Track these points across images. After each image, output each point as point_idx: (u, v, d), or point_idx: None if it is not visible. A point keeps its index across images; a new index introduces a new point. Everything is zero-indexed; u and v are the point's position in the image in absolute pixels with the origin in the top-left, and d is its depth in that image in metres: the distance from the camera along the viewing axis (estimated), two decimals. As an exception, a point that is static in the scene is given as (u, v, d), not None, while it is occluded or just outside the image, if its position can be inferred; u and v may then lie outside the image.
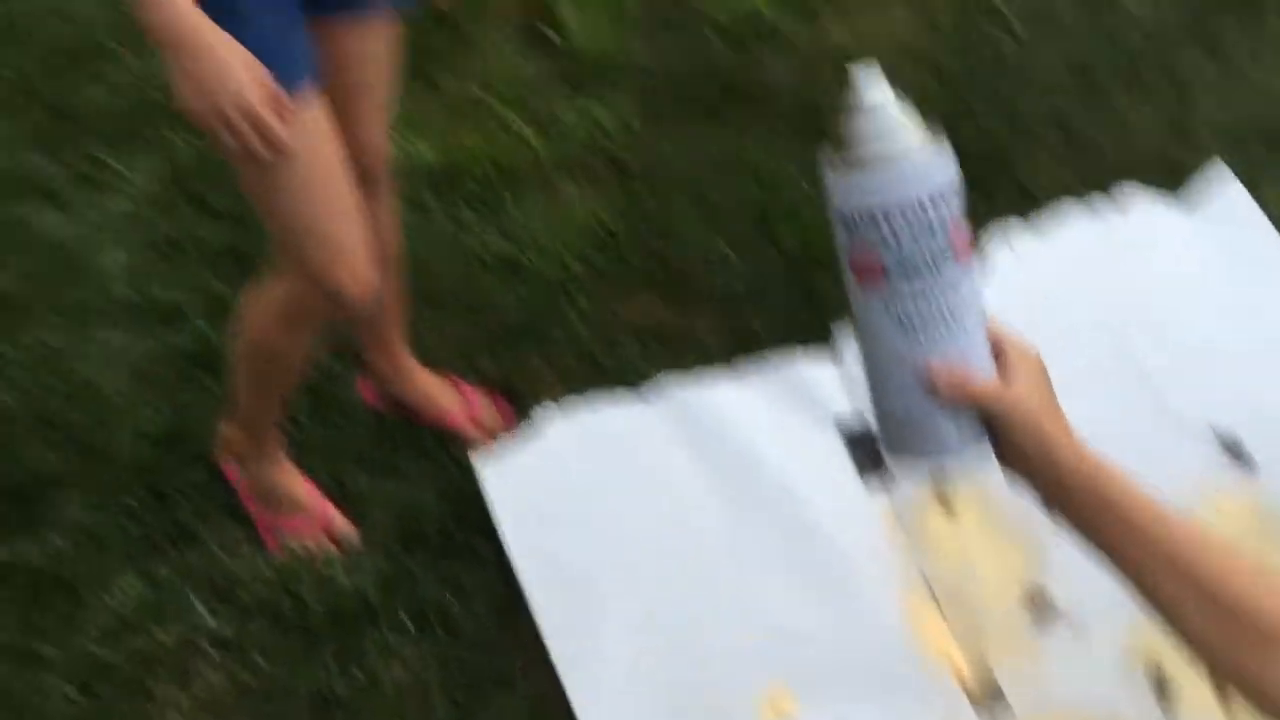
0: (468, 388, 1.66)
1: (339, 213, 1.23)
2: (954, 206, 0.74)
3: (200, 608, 1.47)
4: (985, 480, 1.52)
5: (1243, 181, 1.80)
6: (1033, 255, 1.71)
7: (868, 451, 1.55)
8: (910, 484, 1.52)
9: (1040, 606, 1.42)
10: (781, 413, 1.58)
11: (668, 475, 1.53)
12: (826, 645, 1.40)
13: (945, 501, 1.50)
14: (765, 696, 1.36)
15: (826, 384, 1.61)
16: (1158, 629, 1.37)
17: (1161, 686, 1.37)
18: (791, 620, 1.42)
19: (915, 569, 1.47)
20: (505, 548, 1.46)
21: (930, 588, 1.45)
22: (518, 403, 1.66)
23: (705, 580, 1.44)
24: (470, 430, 1.61)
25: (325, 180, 1.21)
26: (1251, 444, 1.52)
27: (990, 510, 1.50)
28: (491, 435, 1.60)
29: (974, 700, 1.37)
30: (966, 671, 1.40)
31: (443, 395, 1.64)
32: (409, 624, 1.45)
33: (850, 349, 1.61)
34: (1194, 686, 1.37)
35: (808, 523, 1.49)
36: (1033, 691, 1.38)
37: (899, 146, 0.72)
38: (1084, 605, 1.42)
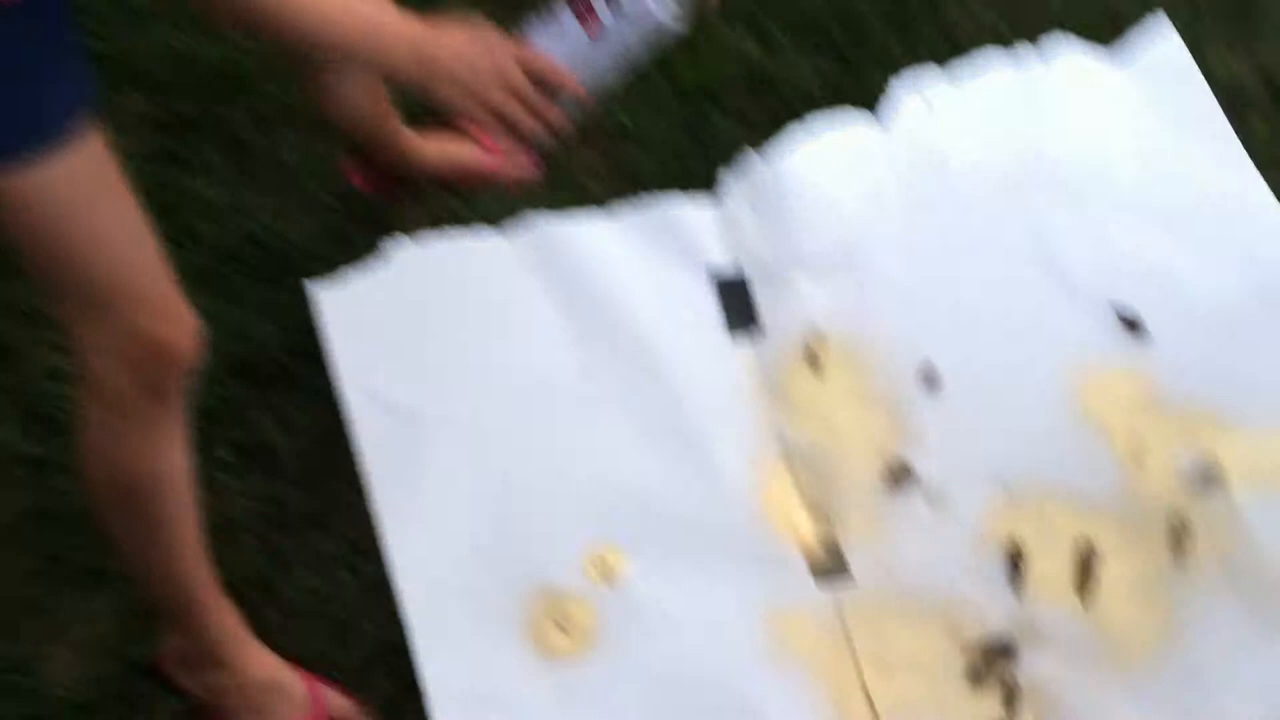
0: (479, 131, 1.33)
1: (139, 259, 0.96)
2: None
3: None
4: (860, 339, 1.42)
5: (1185, 40, 1.65)
6: (944, 105, 1.57)
7: (739, 302, 1.44)
8: (779, 340, 1.42)
9: (899, 479, 1.33)
10: (650, 257, 1.46)
11: (519, 315, 1.41)
12: (667, 504, 1.31)
13: (814, 361, 1.40)
14: (593, 554, 1.28)
15: (703, 230, 1.49)
16: (1024, 507, 1.29)
17: (1015, 567, 1.29)
18: (633, 476, 1.32)
19: (773, 430, 1.37)
20: (335, 382, 1.36)
21: (786, 451, 1.36)
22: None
23: (545, 428, 1.34)
24: (508, 170, 1.40)
25: (116, 222, 0.94)
26: (1151, 319, 1.41)
27: (860, 374, 1.40)
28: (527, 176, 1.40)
29: (815, 570, 1.29)
30: (812, 540, 1.31)
31: (459, 147, 1.43)
32: (230, 459, 1.36)
33: (734, 195, 1.49)
34: (1049, 569, 1.29)
35: (663, 374, 1.38)
36: (878, 566, 1.29)
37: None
38: (947, 480, 1.33)
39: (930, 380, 1.39)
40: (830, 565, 1.30)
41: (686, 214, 1.50)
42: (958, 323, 1.43)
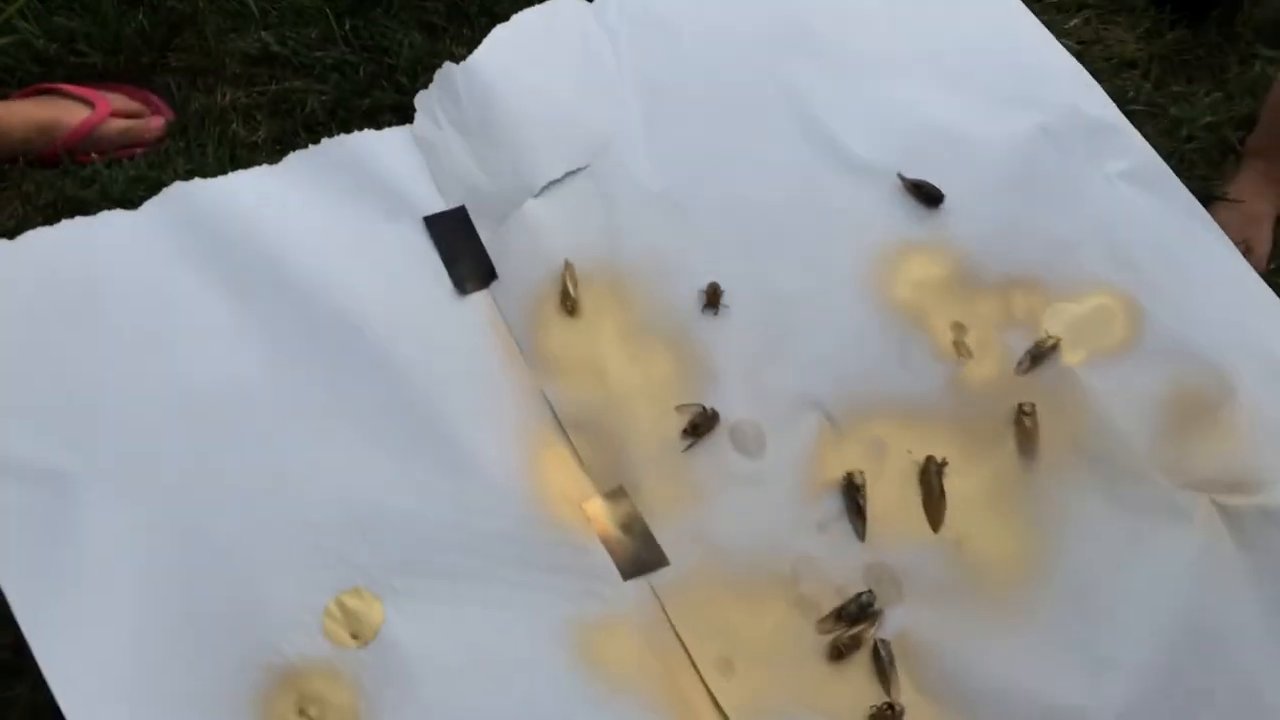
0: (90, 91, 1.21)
1: None
2: None
3: None
4: (621, 268, 1.15)
5: None
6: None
7: (462, 246, 1.15)
8: (519, 284, 1.14)
9: (701, 428, 1.08)
10: (337, 210, 1.13)
11: (176, 314, 1.05)
12: (415, 520, 1.00)
13: (567, 302, 1.12)
14: (330, 607, 0.97)
15: (402, 168, 1.16)
16: (850, 433, 1.05)
17: (857, 507, 1.07)
18: (363, 493, 1.00)
19: (533, 397, 1.09)
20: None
21: (557, 417, 1.09)
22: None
23: (231, 455, 1.00)
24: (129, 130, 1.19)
25: None
26: (945, 186, 1.21)
27: (627, 310, 1.14)
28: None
29: (621, 561, 1.03)
30: (609, 524, 1.05)
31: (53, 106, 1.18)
32: None
33: (434, 119, 1.19)
34: (892, 500, 1.08)
35: (379, 354, 1.06)
36: (695, 539, 1.04)
37: None
38: (757, 420, 1.09)
39: (713, 302, 1.14)
40: (638, 551, 1.04)
41: (377, 151, 1.17)
42: (731, 227, 1.17)
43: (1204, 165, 1.35)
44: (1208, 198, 1.30)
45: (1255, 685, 0.99)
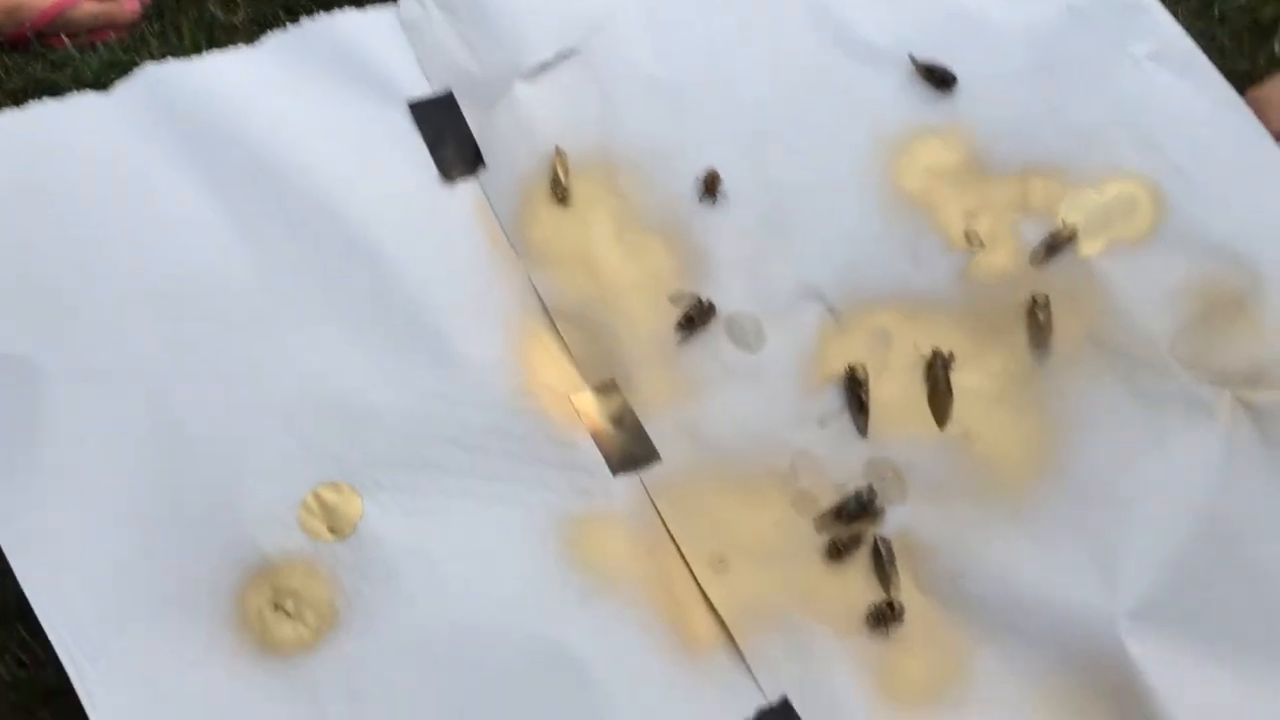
0: None
1: None
2: None
3: None
4: (615, 156, 1.10)
5: None
6: None
7: (448, 131, 1.10)
8: (508, 172, 1.09)
9: (697, 320, 1.03)
10: (319, 93, 1.07)
11: (151, 202, 1.01)
12: (399, 413, 0.96)
13: (558, 190, 1.07)
14: (307, 501, 0.94)
15: (385, 48, 1.11)
16: (853, 325, 1.00)
17: (859, 401, 1.02)
18: (346, 385, 0.97)
19: (522, 288, 1.04)
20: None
21: (545, 308, 1.04)
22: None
23: (212, 349, 0.97)
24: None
25: None
26: (959, 69, 1.14)
27: (621, 198, 1.08)
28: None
29: (611, 456, 0.99)
30: (599, 419, 1.01)
31: None
32: None
33: (420, 2, 1.14)
34: (895, 394, 1.03)
35: (362, 243, 1.02)
36: (689, 435, 1.00)
37: None
38: (756, 312, 1.04)
39: (711, 191, 1.08)
40: (628, 446, 1.00)
41: (360, 32, 1.12)
42: (732, 114, 1.11)
43: (1236, 47, 1.27)
44: (1242, 81, 1.22)
45: (1275, 579, 0.94)
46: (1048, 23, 1.17)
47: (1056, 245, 1.07)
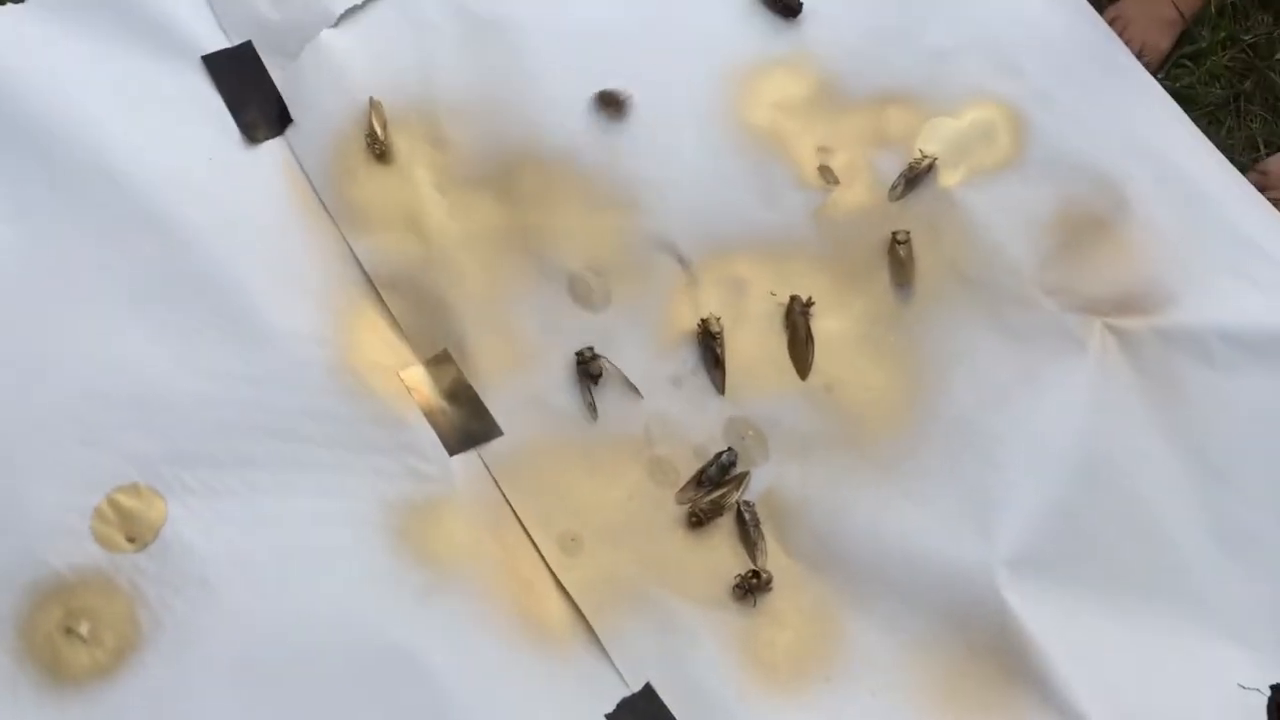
0: None
1: None
2: None
3: None
4: (438, 104, 1.00)
5: None
6: None
7: (249, 86, 0.99)
8: (319, 128, 0.99)
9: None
10: (97, 52, 0.96)
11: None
12: (208, 402, 0.86)
13: (376, 145, 0.97)
14: (103, 508, 0.83)
15: (176, 3, 1.01)
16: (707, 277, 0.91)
17: (715, 357, 0.95)
18: (144, 374, 0.86)
19: (341, 255, 0.95)
20: None
21: (367, 277, 0.95)
22: None
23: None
24: None
25: None
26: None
27: (445, 151, 0.99)
28: None
29: (446, 432, 0.90)
30: (431, 393, 0.92)
31: None
32: None
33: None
34: (754, 347, 0.95)
35: (158, 216, 0.91)
36: (532, 404, 0.91)
37: None
38: (601, 267, 0.95)
39: (615, 106, 0.99)
40: (465, 422, 0.91)
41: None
42: (565, 55, 1.02)
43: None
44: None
45: (1155, 514, 0.90)
46: (893, -58, 1.10)
47: (915, 177, 1.01)
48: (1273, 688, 0.87)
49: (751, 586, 0.87)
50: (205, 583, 0.82)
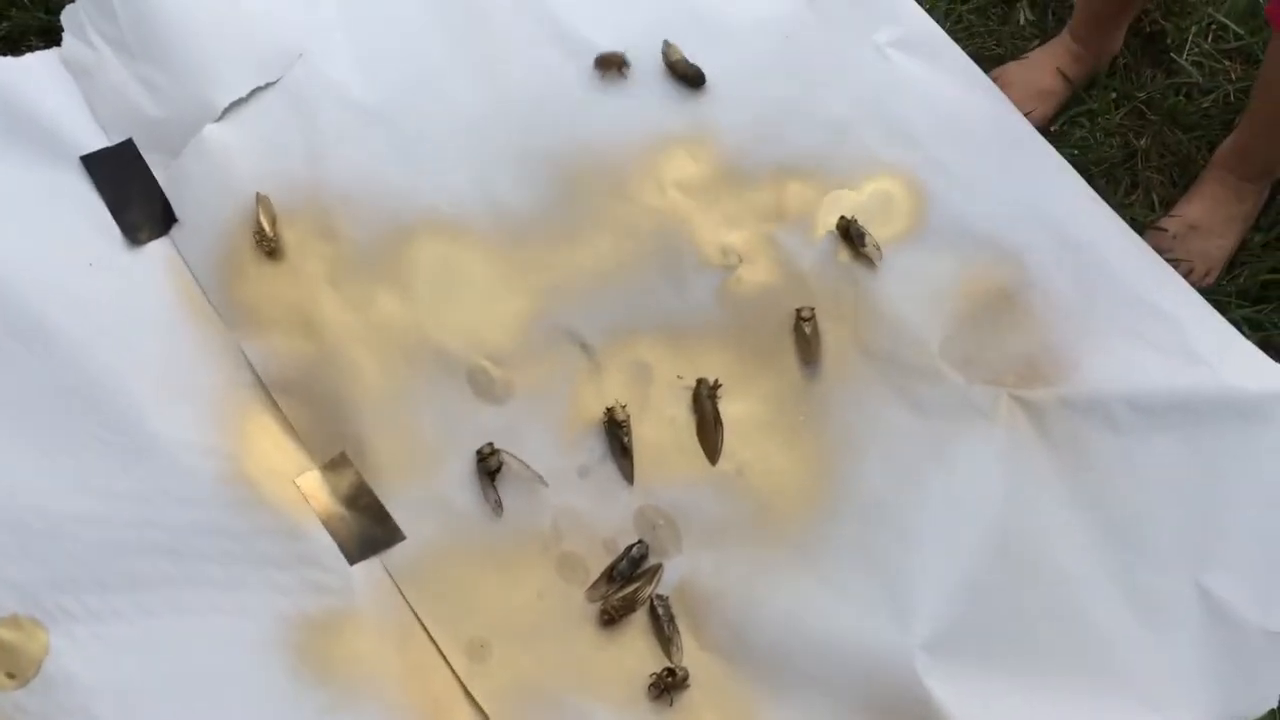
0: None
1: None
2: None
3: None
4: (326, 195, 0.98)
5: None
6: None
7: (128, 179, 0.96)
8: (205, 226, 0.96)
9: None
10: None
11: None
12: (88, 526, 0.82)
13: (265, 242, 0.94)
14: (-18, 641, 0.79)
15: (51, 97, 0.97)
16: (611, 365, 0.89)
17: (622, 446, 0.92)
18: (22, 500, 0.82)
19: (231, 356, 0.92)
20: None
21: (260, 380, 0.92)
22: None
23: None
24: None
25: None
26: (706, 66, 1.06)
27: (341, 242, 0.96)
28: None
29: (346, 542, 0.86)
30: (328, 500, 0.88)
31: None
32: None
33: (87, 37, 0.99)
34: (662, 435, 0.93)
35: (37, 328, 0.87)
36: (434, 504, 0.88)
37: None
38: (504, 363, 0.93)
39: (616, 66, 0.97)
40: (366, 528, 0.88)
41: (17, 81, 0.97)
42: (454, 138, 1.00)
43: (983, 26, 1.23)
44: (993, 62, 1.18)
45: (1068, 586, 0.88)
46: (785, 16, 1.09)
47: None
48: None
49: (667, 685, 0.84)
50: (91, 718, 0.77)
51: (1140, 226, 1.08)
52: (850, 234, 0.99)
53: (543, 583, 0.88)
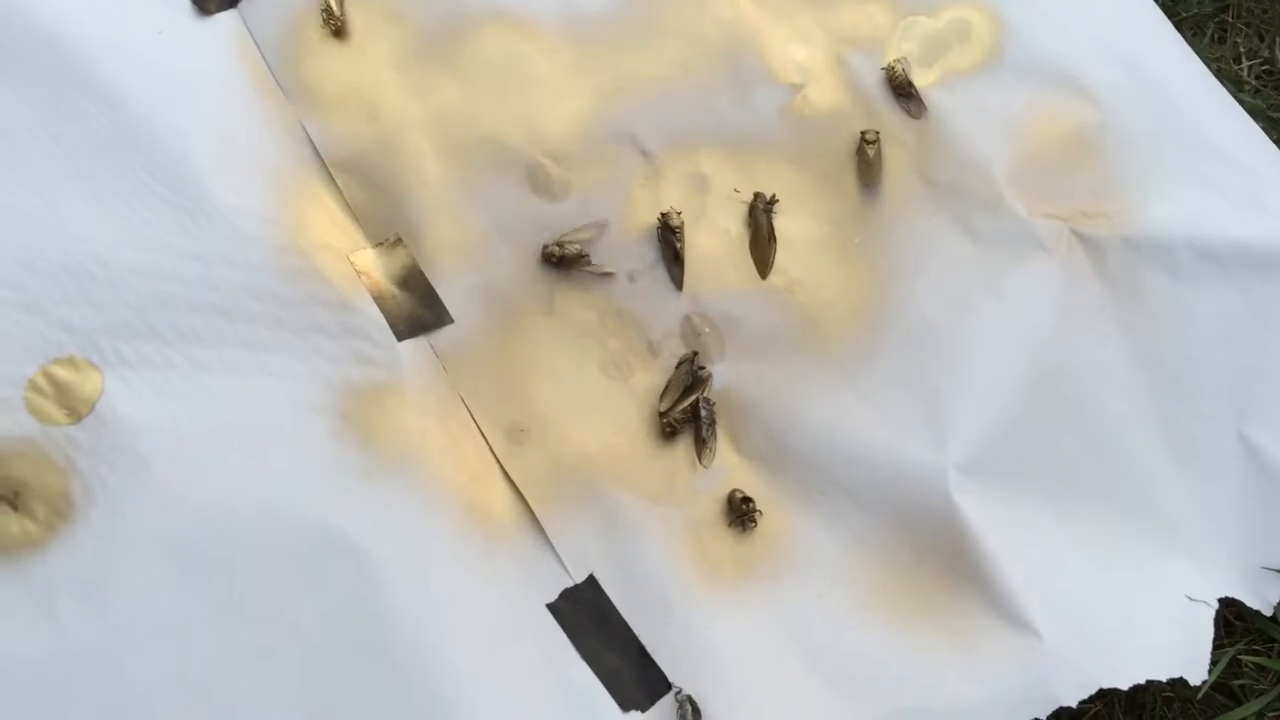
0: None
1: None
2: None
3: None
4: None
5: None
6: None
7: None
8: (273, 3, 0.95)
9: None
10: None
11: None
12: (146, 278, 0.84)
13: (333, 21, 0.94)
14: (38, 380, 0.82)
15: None
16: (670, 173, 0.88)
17: (675, 253, 0.92)
18: (83, 246, 0.83)
19: (293, 136, 0.92)
20: None
21: (320, 157, 0.92)
22: None
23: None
24: None
25: None
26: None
27: (408, 25, 0.95)
28: None
29: (395, 318, 0.88)
30: (381, 278, 0.89)
31: None
32: None
33: None
34: (716, 244, 0.93)
35: (106, 88, 0.88)
36: (485, 292, 0.89)
37: None
38: (563, 161, 0.93)
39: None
40: (415, 308, 0.89)
41: None
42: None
43: None
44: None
45: (1112, 425, 0.88)
46: None
47: (891, 79, 0.99)
48: (1219, 601, 0.86)
49: (742, 514, 0.85)
50: (140, 457, 0.80)
51: (1224, 79, 1.05)
52: (893, 83, 0.97)
53: (585, 378, 0.89)
